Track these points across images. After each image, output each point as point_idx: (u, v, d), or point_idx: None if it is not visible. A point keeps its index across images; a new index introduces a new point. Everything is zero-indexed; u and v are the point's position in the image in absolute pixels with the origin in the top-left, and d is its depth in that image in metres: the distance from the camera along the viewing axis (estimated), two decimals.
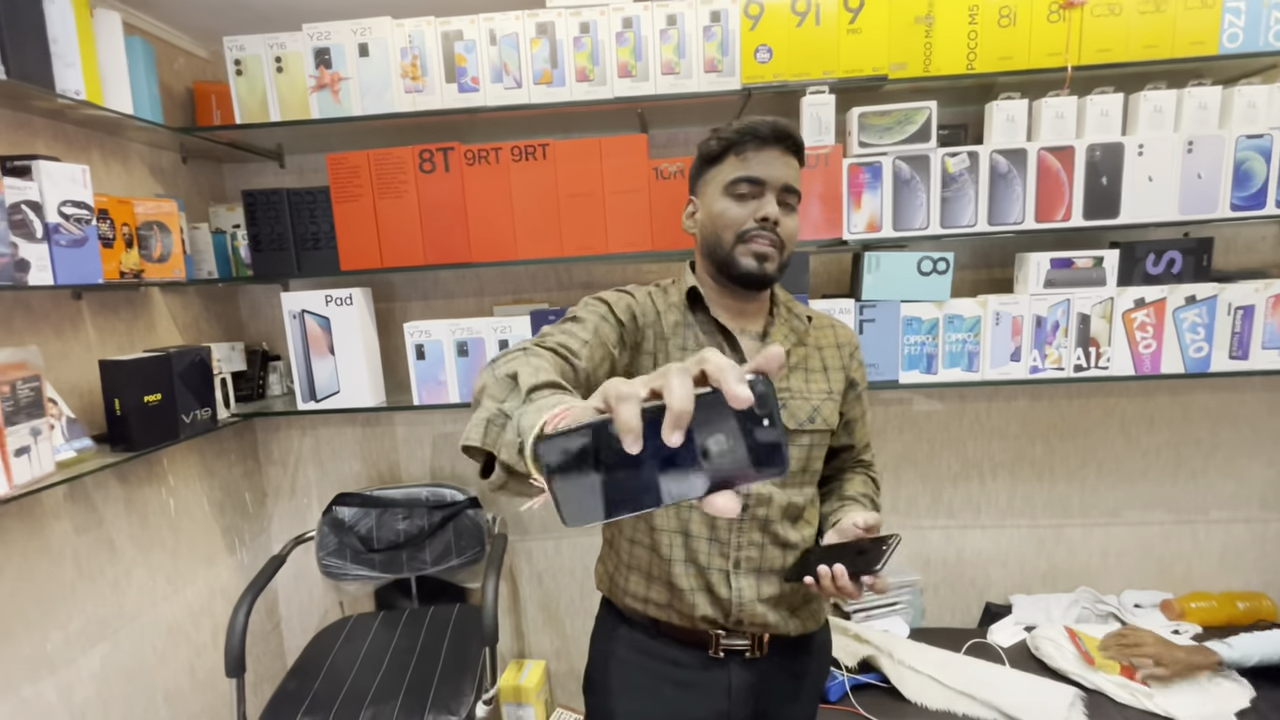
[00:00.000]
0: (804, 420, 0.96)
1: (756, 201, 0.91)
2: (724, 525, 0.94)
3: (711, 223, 0.94)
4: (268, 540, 1.89)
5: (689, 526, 0.95)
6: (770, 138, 0.91)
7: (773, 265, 0.92)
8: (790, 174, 0.93)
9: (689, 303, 0.98)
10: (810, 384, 0.98)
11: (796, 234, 0.96)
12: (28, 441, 1.09)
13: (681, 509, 0.95)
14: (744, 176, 0.91)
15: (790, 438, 0.94)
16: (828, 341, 1.03)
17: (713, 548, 0.95)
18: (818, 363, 1.01)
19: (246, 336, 1.82)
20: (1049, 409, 1.75)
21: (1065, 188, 1.39)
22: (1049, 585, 1.82)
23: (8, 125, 1.21)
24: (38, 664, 1.22)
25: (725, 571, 0.95)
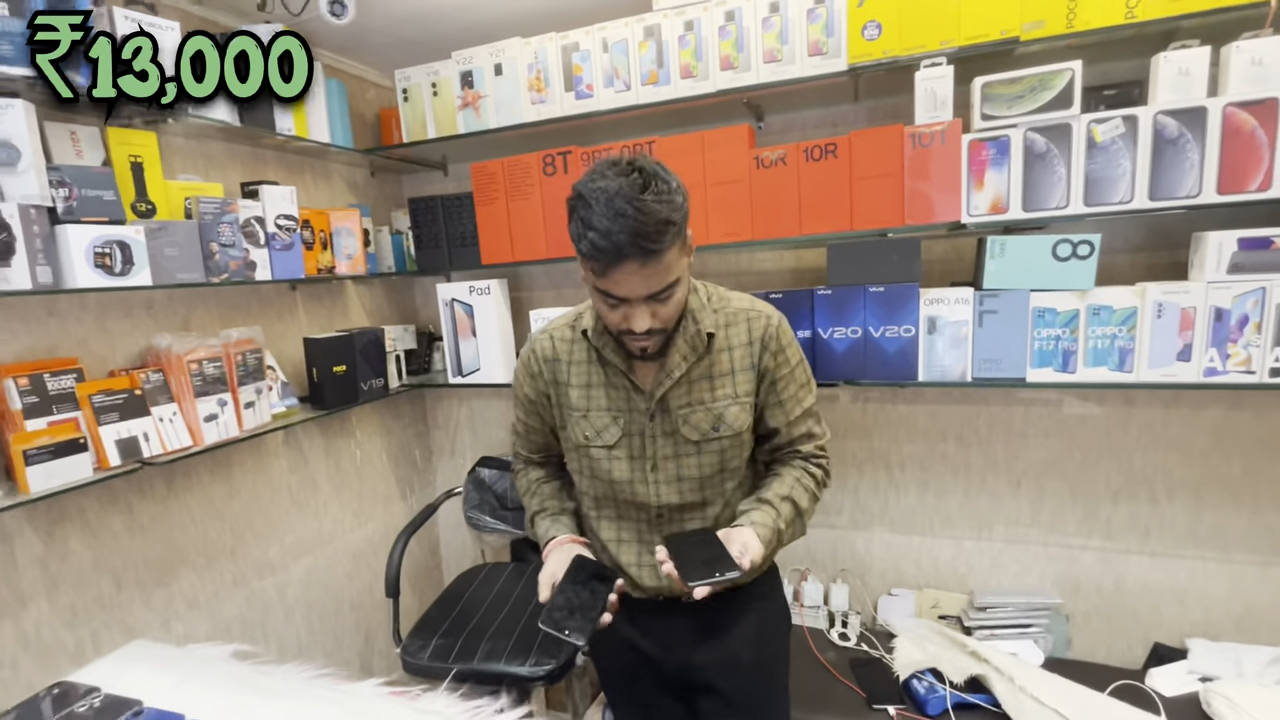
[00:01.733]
0: (707, 430, 0.99)
1: (624, 310, 0.88)
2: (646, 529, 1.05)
3: (594, 306, 0.98)
4: (433, 491, 2.24)
5: (620, 533, 1.07)
6: (617, 258, 0.81)
7: (655, 346, 0.94)
8: (653, 282, 0.85)
9: (586, 342, 1.03)
10: (716, 391, 0.99)
11: (682, 298, 0.93)
12: (253, 398, 1.45)
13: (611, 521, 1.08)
14: (608, 293, 0.87)
15: (700, 446, 0.99)
16: (739, 340, 1.00)
17: (640, 547, 1.06)
18: (724, 366, 1.00)
19: (419, 320, 2.17)
20: (1254, 421, 1.43)
21: (1264, 150, 1.13)
22: (1245, 634, 1.50)
23: (248, 159, 1.60)
24: (262, 566, 1.62)
25: (653, 566, 1.04)
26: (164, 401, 1.29)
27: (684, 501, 1.02)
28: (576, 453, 1.06)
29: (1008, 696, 1.37)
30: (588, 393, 1.03)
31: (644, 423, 1.00)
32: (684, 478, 1.01)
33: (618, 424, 1.01)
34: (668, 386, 0.98)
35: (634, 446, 1.01)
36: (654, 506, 1.03)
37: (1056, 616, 1.59)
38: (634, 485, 1.02)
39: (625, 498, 1.04)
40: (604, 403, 1.02)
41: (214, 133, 1.45)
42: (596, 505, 1.09)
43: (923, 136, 1.31)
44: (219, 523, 1.52)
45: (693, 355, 0.99)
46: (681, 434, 0.99)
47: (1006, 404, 1.60)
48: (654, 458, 1.01)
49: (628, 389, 1.00)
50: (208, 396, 1.34)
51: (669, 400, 0.99)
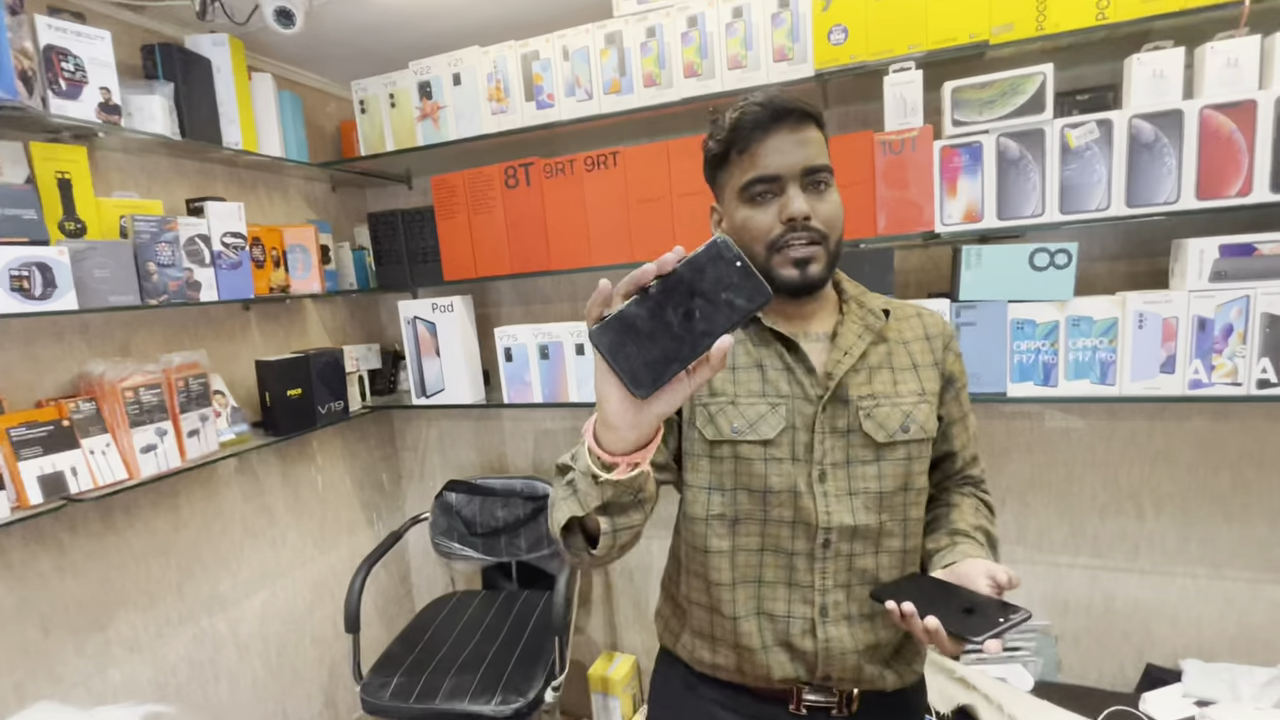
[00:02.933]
0: (896, 430, 0.80)
1: (779, 200, 0.78)
2: (804, 567, 0.81)
3: (738, 235, 0.81)
4: (401, 516, 2.16)
5: (762, 573, 0.83)
6: (772, 121, 0.76)
7: (819, 266, 0.79)
8: (810, 152, 0.77)
9: None
10: (899, 385, 0.82)
11: (839, 214, 0.80)
12: (197, 425, 1.37)
13: (750, 557, 0.83)
14: (756, 176, 0.78)
15: (882, 452, 0.81)
16: (914, 334, 0.86)
17: (793, 594, 0.82)
18: (905, 359, 0.84)
19: (384, 339, 2.10)
20: (1240, 432, 1.38)
21: (1242, 154, 1.09)
22: (1240, 654, 1.44)
23: (195, 174, 1.53)
24: (212, 602, 1.53)
25: (809, 620, 0.81)
26: (96, 433, 1.21)
27: (858, 524, 0.80)
28: (712, 456, 0.83)
29: None
30: (734, 375, 0.83)
31: (811, 414, 0.80)
32: (858, 491, 0.80)
33: (778, 413, 0.81)
34: (847, 366, 0.80)
35: (798, 445, 0.80)
36: (820, 529, 0.80)
37: (1045, 638, 1.53)
38: (798, 498, 0.80)
39: (780, 516, 0.81)
40: (757, 387, 0.82)
41: (155, 147, 1.38)
42: (734, 533, 0.83)
43: (893, 144, 1.26)
44: (163, 558, 1.43)
45: (869, 335, 0.83)
46: (863, 432, 0.80)
47: (987, 418, 1.54)
48: (822, 462, 0.80)
49: (792, 369, 0.82)
50: (144, 426, 1.26)
51: (848, 387, 0.81)
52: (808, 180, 0.78)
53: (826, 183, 0.79)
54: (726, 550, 0.83)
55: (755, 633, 0.83)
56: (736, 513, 0.82)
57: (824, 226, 0.78)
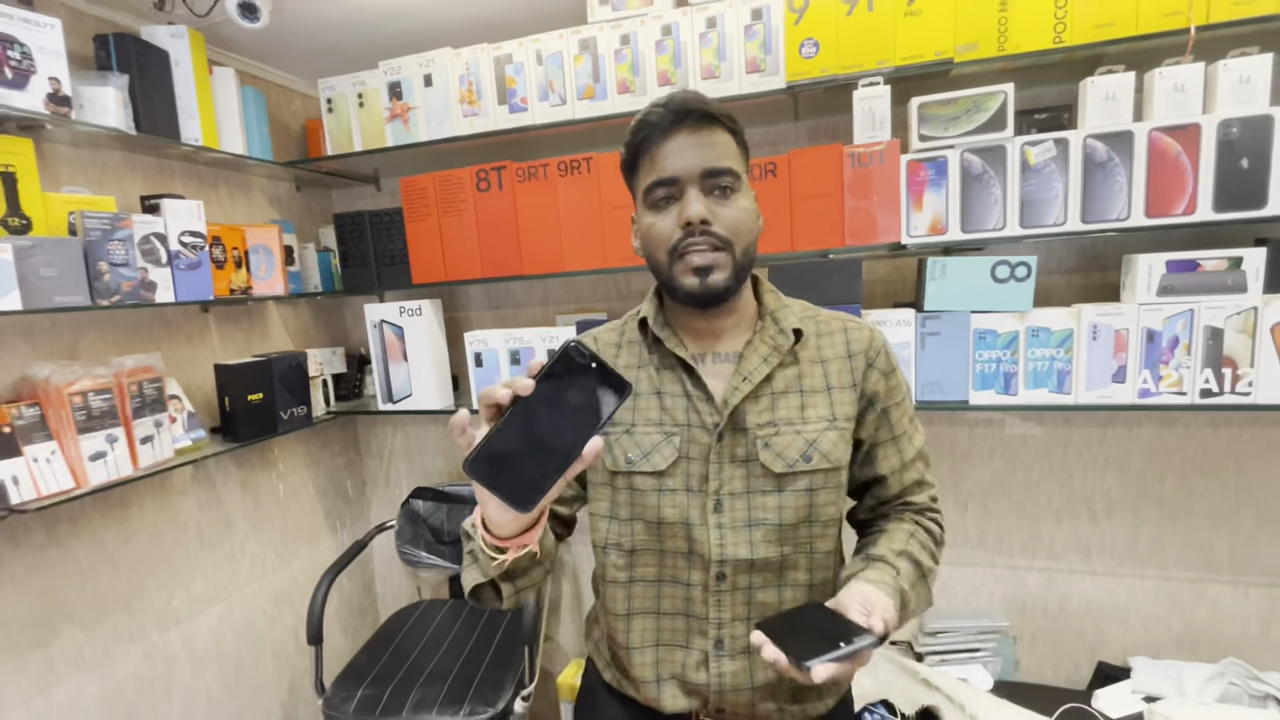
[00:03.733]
0: (796, 459, 0.77)
1: (678, 205, 0.75)
2: (699, 599, 0.79)
3: (645, 242, 0.79)
4: (366, 524, 2.11)
5: (660, 604, 0.82)
6: (672, 122, 0.73)
7: (722, 274, 0.74)
8: (711, 154, 0.73)
9: (643, 336, 0.84)
10: (806, 411, 0.79)
11: (747, 221, 0.76)
12: (151, 432, 1.32)
13: (648, 588, 0.82)
14: (655, 180, 0.75)
15: (782, 483, 0.77)
16: (835, 352, 0.82)
17: (690, 625, 0.80)
18: (818, 380, 0.80)
19: (349, 343, 2.05)
20: (1185, 439, 1.45)
21: (1188, 175, 1.15)
22: (1185, 651, 1.51)
23: (151, 170, 1.47)
24: (165, 616, 1.47)
25: (704, 653, 0.80)
26: (40, 439, 1.15)
27: (756, 558, 0.77)
28: (611, 488, 0.82)
29: None
30: (634, 402, 0.82)
31: (708, 444, 0.78)
32: (757, 523, 0.77)
33: (671, 443, 0.79)
34: (744, 394, 0.77)
35: (692, 475, 0.78)
36: (714, 563, 0.78)
37: (1004, 639, 1.58)
38: (691, 529, 0.78)
39: (675, 548, 0.80)
40: (655, 415, 0.80)
41: (108, 141, 1.32)
42: (630, 564, 0.82)
43: (862, 156, 1.29)
44: (112, 571, 1.37)
45: (775, 358, 0.79)
46: (760, 462, 0.77)
47: (951, 425, 1.59)
48: (718, 493, 0.78)
49: (689, 396, 0.79)
50: (94, 432, 1.20)
51: (745, 415, 0.78)
52: (709, 183, 0.74)
53: (732, 187, 0.75)
54: (624, 581, 0.83)
55: (650, 664, 0.82)
56: (634, 543, 0.82)
57: (727, 232, 0.74)
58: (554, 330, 1.57)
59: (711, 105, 0.75)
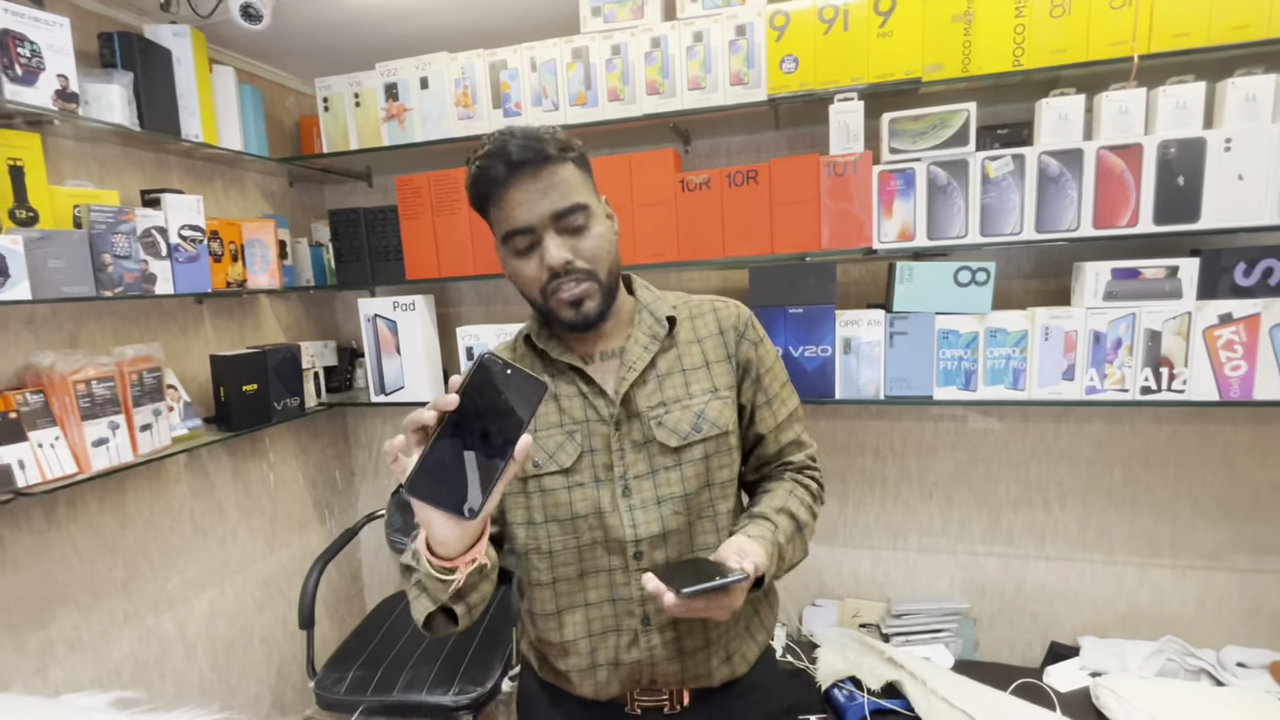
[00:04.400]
0: (688, 431, 0.83)
1: (538, 250, 0.78)
2: (622, 581, 0.84)
3: (514, 281, 0.83)
4: (354, 514, 2.15)
5: (586, 596, 0.86)
6: (507, 174, 0.75)
7: (593, 303, 0.80)
8: (556, 196, 0.77)
9: (531, 350, 0.90)
10: (691, 386, 0.86)
11: (604, 246, 0.81)
12: (150, 420, 1.36)
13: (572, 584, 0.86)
14: (510, 230, 0.78)
15: (680, 456, 0.84)
16: (708, 330, 0.89)
17: (618, 608, 0.85)
18: (697, 358, 0.87)
19: (339, 336, 2.09)
20: (1130, 433, 1.57)
21: (1131, 190, 1.26)
22: (1128, 630, 1.63)
23: (150, 165, 1.50)
24: (159, 601, 1.50)
25: (634, 631, 0.85)
26: (44, 425, 1.19)
27: (667, 530, 0.83)
28: (524, 494, 0.86)
29: (920, 700, 1.43)
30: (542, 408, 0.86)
31: (607, 433, 0.83)
32: (664, 499, 0.84)
33: (574, 440, 0.84)
34: (631, 381, 0.83)
35: (598, 466, 0.84)
36: (630, 543, 0.83)
37: (965, 620, 1.68)
38: (604, 517, 0.83)
39: (592, 539, 0.85)
40: (555, 418, 0.85)
41: (109, 136, 1.36)
42: (552, 565, 0.86)
43: (837, 166, 1.37)
44: (109, 556, 1.40)
45: (654, 345, 0.85)
46: (657, 441, 0.83)
47: (918, 419, 1.69)
48: (624, 478, 0.83)
49: (584, 395, 0.85)
50: (97, 419, 1.24)
51: (636, 400, 0.84)
52: (562, 224, 0.78)
53: (584, 223, 0.79)
54: (548, 582, 0.87)
55: (586, 654, 0.86)
56: (551, 545, 0.86)
57: (588, 264, 0.79)
58: None
59: (543, 144, 0.76)
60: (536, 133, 0.77)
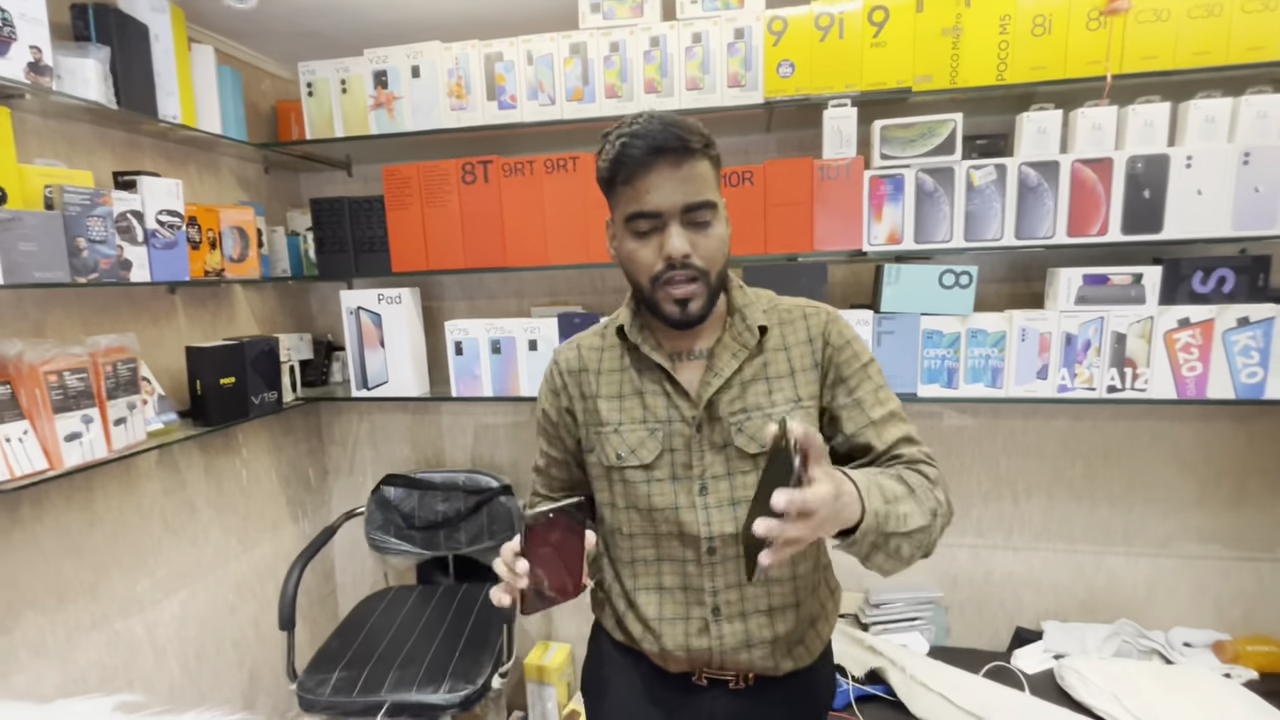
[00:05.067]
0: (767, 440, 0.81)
1: (660, 236, 0.80)
2: (695, 572, 0.88)
3: (625, 263, 0.85)
4: (327, 512, 2.09)
5: (661, 580, 0.91)
6: (650, 156, 0.76)
7: (698, 304, 0.81)
8: (690, 189, 0.78)
9: (621, 341, 0.92)
10: (774, 394, 0.87)
11: (722, 248, 0.82)
12: (125, 414, 1.29)
13: (649, 566, 0.91)
14: (637, 212, 0.79)
15: (758, 462, 0.85)
16: (797, 338, 0.89)
17: (689, 597, 0.89)
18: (783, 366, 0.88)
19: (315, 329, 2.02)
20: (1091, 430, 1.67)
21: (1102, 201, 1.34)
22: (1087, 614, 1.73)
23: (121, 145, 1.43)
24: (129, 603, 1.43)
25: (704, 620, 0.89)
26: (11, 419, 1.12)
27: (741, 530, 0.85)
28: (608, 480, 0.91)
29: (900, 685, 1.49)
30: (620, 404, 0.89)
31: (688, 435, 0.86)
32: (740, 500, 0.86)
33: (655, 437, 0.87)
34: (715, 388, 0.85)
35: (677, 464, 0.87)
36: (704, 539, 0.86)
37: (938, 609, 1.76)
38: (679, 513, 0.87)
39: (668, 530, 0.88)
40: (639, 414, 0.88)
41: (80, 114, 1.29)
42: (632, 546, 0.91)
43: (830, 169, 1.42)
44: (75, 557, 1.32)
45: (743, 353, 0.86)
46: (735, 446, 0.85)
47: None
48: (702, 478, 0.86)
49: (668, 395, 0.87)
50: (69, 413, 1.18)
51: (718, 406, 0.86)
52: (689, 217, 0.79)
53: (709, 220, 0.80)
54: (627, 561, 0.93)
55: (656, 632, 0.91)
56: (631, 528, 0.91)
57: (704, 263, 0.80)
58: (529, 322, 1.62)
59: (689, 135, 0.77)
60: (683, 122, 0.78)
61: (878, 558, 0.73)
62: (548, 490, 1.03)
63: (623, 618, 0.96)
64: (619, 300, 1.86)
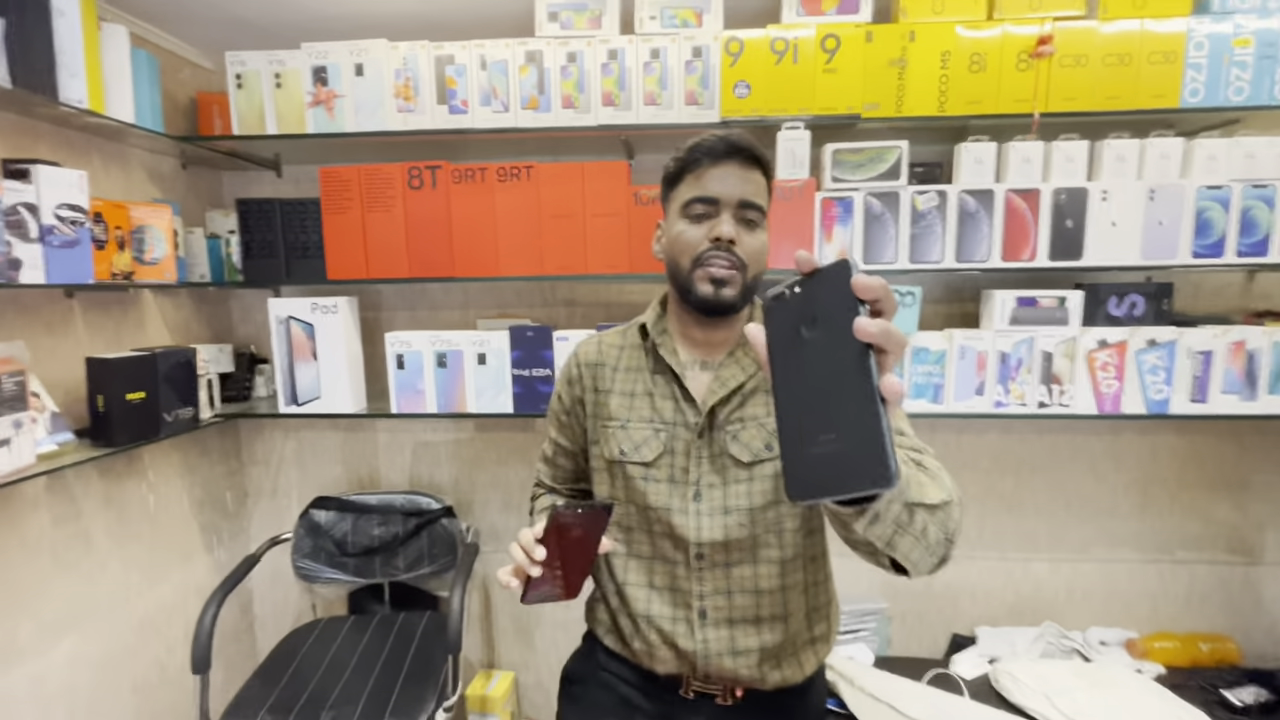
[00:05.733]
0: (760, 449, 0.88)
1: (712, 221, 0.86)
2: (683, 575, 0.91)
3: (671, 246, 0.90)
4: (246, 540, 1.92)
5: (652, 579, 0.93)
6: (724, 153, 0.85)
7: (732, 290, 0.85)
8: (749, 189, 0.86)
9: (643, 340, 0.97)
10: (770, 405, 0.88)
11: (763, 253, 0.89)
12: (9, 434, 1.13)
13: (643, 563, 0.94)
14: (698, 196, 0.86)
15: (752, 471, 0.88)
16: None
17: (676, 599, 0.91)
18: None
19: (236, 339, 1.87)
20: (1019, 444, 1.77)
21: (1031, 229, 1.43)
22: (1015, 619, 1.83)
23: (12, 130, 1.27)
24: (7, 654, 1.25)
25: (690, 622, 0.90)
26: None
27: (730, 539, 0.88)
28: (609, 472, 0.95)
29: (850, 697, 1.51)
30: (630, 401, 0.94)
31: (689, 440, 0.90)
32: (731, 509, 0.89)
33: (659, 438, 0.91)
34: (720, 396, 0.89)
35: (675, 468, 0.90)
36: (693, 544, 0.89)
37: (882, 619, 1.81)
38: (671, 515, 0.90)
39: (661, 530, 0.91)
40: (647, 413, 0.92)
41: None
42: (627, 539, 0.95)
43: (784, 190, 1.45)
44: None
45: (752, 367, 0.90)
46: (730, 454, 0.88)
47: None
48: (697, 484, 0.89)
49: (676, 399, 0.91)
50: None
51: (719, 414, 0.89)
52: (742, 212, 0.86)
53: (758, 221, 0.88)
54: (623, 555, 0.95)
55: (649, 630, 0.93)
56: (629, 522, 0.94)
57: (746, 256, 0.86)
58: (478, 334, 1.56)
59: (760, 150, 0.87)
60: (754, 140, 0.87)
61: (904, 542, 0.61)
62: (552, 481, 1.08)
63: (616, 615, 0.97)
64: (571, 314, 1.83)
